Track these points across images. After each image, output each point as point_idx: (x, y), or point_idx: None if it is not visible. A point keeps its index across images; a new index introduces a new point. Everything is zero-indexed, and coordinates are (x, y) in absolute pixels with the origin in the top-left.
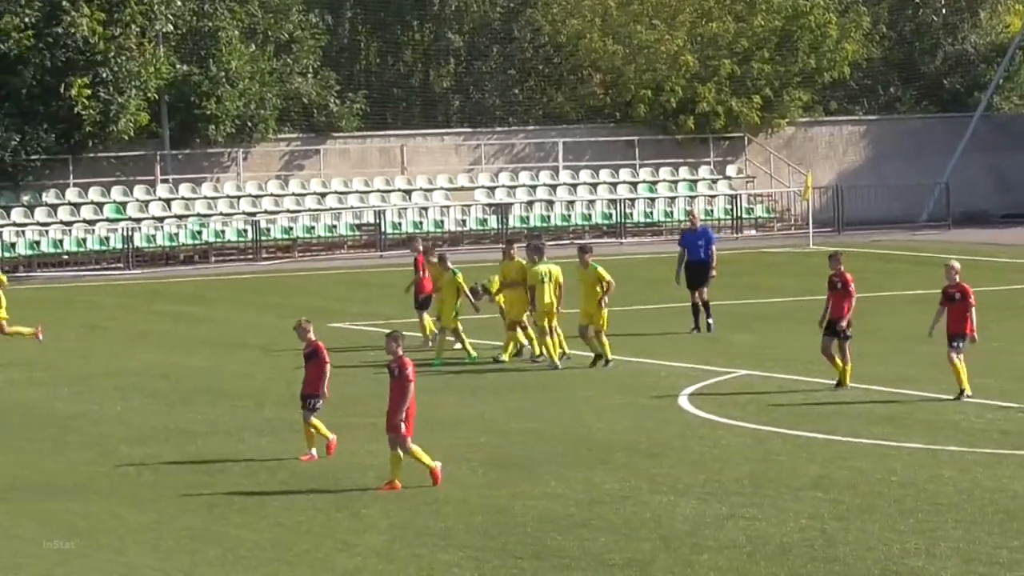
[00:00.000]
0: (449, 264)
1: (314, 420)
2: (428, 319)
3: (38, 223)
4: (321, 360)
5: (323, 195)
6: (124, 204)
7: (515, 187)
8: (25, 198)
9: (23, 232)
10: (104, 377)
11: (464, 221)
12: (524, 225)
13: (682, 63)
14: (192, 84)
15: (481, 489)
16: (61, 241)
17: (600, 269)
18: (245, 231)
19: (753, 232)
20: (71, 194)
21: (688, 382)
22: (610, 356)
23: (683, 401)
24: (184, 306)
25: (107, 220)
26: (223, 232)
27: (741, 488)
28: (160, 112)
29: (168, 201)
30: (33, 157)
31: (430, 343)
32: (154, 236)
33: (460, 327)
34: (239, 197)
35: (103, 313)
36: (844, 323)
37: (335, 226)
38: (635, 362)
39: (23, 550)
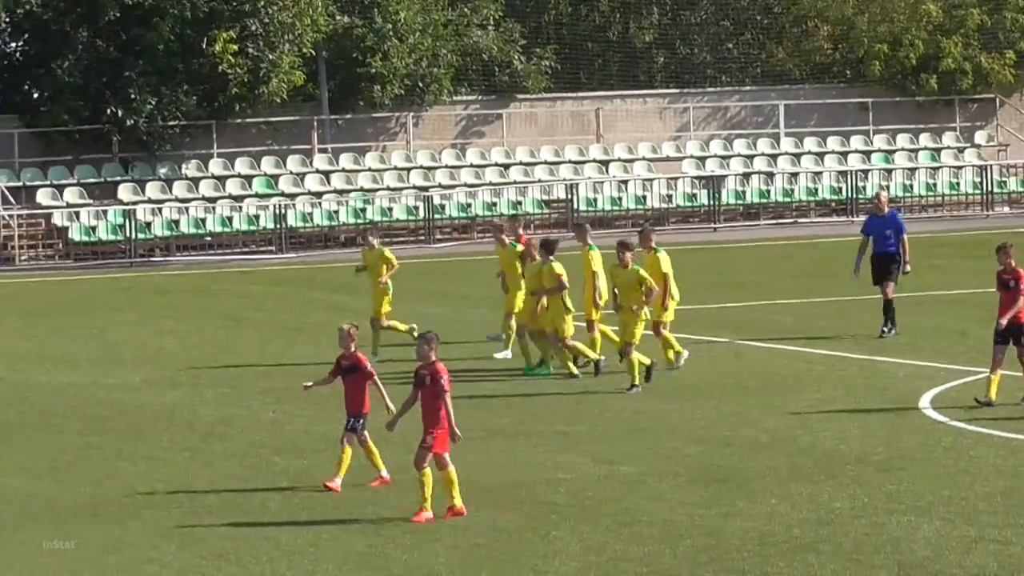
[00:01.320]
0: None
1: (370, 443)
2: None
3: (177, 199)
4: (364, 374)
5: (506, 167)
6: (276, 178)
7: (728, 157)
8: (162, 171)
9: (159, 210)
10: (253, 378)
11: (670, 197)
12: (739, 201)
13: (923, 13)
14: (354, 38)
15: (689, 508)
16: (203, 220)
17: (642, 272)
18: (415, 208)
19: (1006, 209)
20: (215, 166)
21: (930, 384)
22: (595, 355)
23: (924, 406)
24: (344, 295)
25: (256, 196)
26: (390, 210)
27: (992, 507)
28: (317, 71)
29: (326, 174)
30: (171, 123)
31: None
32: (310, 215)
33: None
34: (408, 169)
35: (251, 303)
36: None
37: (519, 203)
38: (868, 361)
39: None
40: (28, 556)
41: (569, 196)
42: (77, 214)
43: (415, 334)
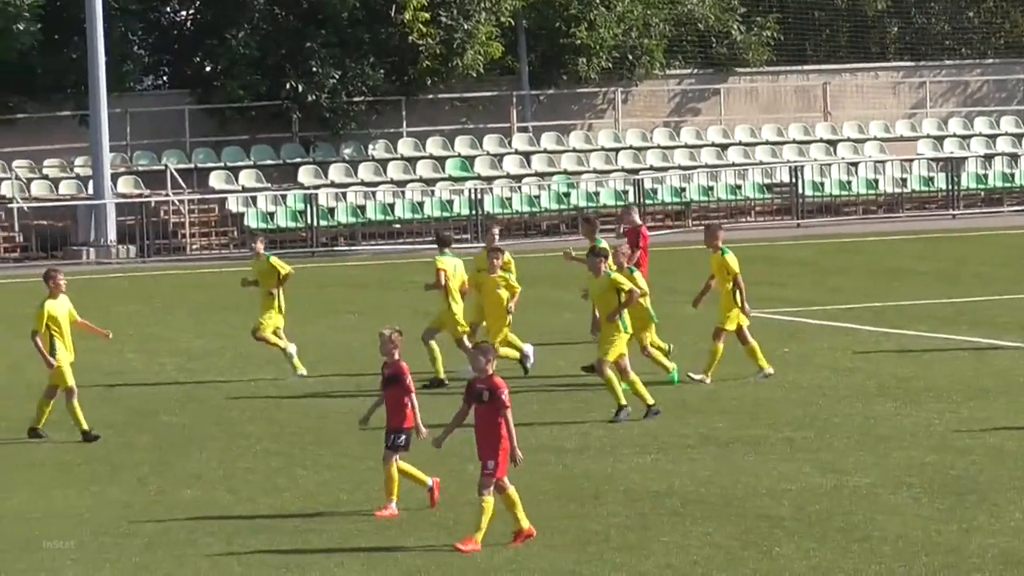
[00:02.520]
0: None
1: (402, 464)
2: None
3: (362, 183)
4: (404, 386)
5: (724, 147)
6: (471, 159)
7: (969, 137)
8: (347, 151)
9: (343, 195)
10: (449, 380)
11: (904, 180)
12: (981, 186)
13: None
14: (557, 6)
15: (926, 522)
16: (391, 206)
17: (616, 276)
18: (624, 193)
19: None
20: (404, 146)
21: None
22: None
23: None
24: (546, 288)
25: (449, 180)
26: (596, 195)
27: None
28: (517, 42)
29: (527, 155)
30: (356, 99)
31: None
32: (508, 200)
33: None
34: (616, 150)
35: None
36: None
37: (739, 186)
38: None
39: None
40: (209, 569)
41: (793, 180)
42: (253, 199)
43: (291, 355)
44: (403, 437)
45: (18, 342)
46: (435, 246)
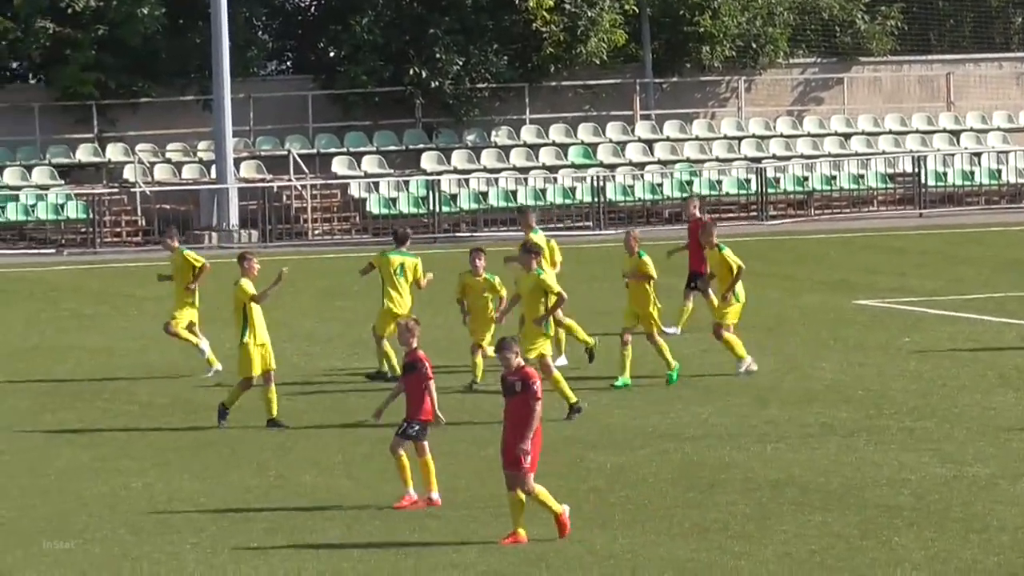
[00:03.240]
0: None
1: (428, 457)
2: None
3: (485, 170)
4: (421, 375)
5: (847, 136)
6: (594, 146)
7: None
8: (470, 138)
9: (466, 181)
10: (568, 368)
11: None
12: None
13: None
14: None
15: None
16: (514, 193)
17: (545, 278)
18: (747, 182)
19: None
20: (527, 133)
21: None
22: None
23: None
24: (665, 276)
25: (572, 167)
26: (719, 183)
27: None
28: (640, 30)
29: (649, 143)
30: (480, 86)
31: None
32: (631, 187)
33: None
34: (740, 138)
35: (563, 284)
36: None
37: (862, 176)
38: None
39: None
40: (325, 556)
41: (916, 170)
42: (376, 185)
43: (203, 350)
44: (416, 427)
45: (147, 324)
46: (555, 234)
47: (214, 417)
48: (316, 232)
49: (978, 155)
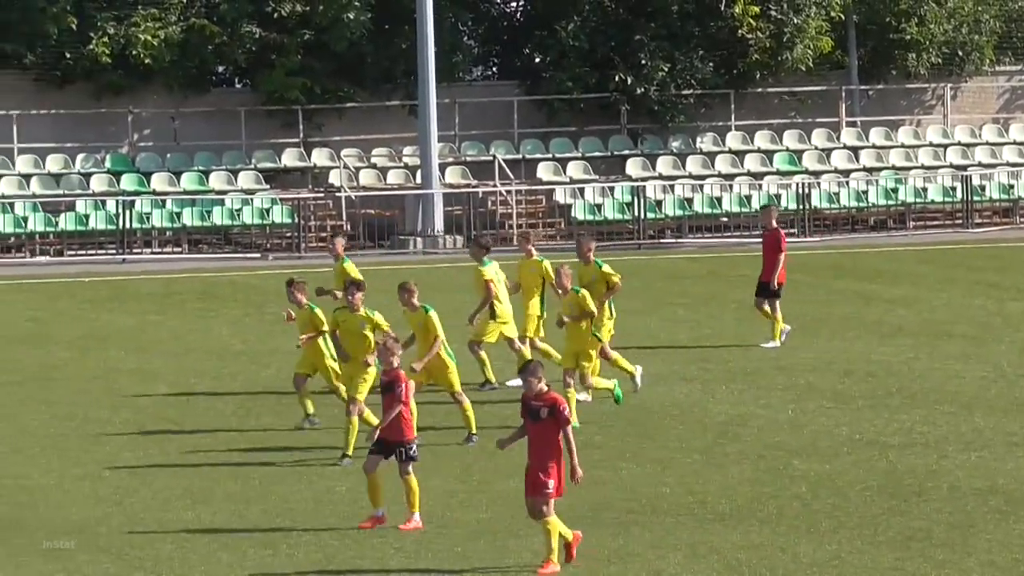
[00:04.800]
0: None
1: (377, 476)
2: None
3: (690, 176)
4: (394, 396)
5: None
6: (799, 153)
7: None
8: (675, 144)
9: (671, 187)
10: (771, 372)
11: None
12: None
13: None
14: (888, 1)
15: None
16: (719, 199)
17: (376, 317)
18: (952, 190)
19: None
20: (732, 140)
21: None
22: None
23: None
24: (873, 284)
25: (777, 173)
26: (924, 191)
27: None
28: (846, 37)
29: (855, 150)
30: (685, 92)
31: None
32: (836, 195)
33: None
34: (945, 146)
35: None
36: None
37: None
38: None
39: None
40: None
41: None
42: (581, 190)
43: None
44: (412, 447)
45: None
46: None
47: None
48: None
49: None
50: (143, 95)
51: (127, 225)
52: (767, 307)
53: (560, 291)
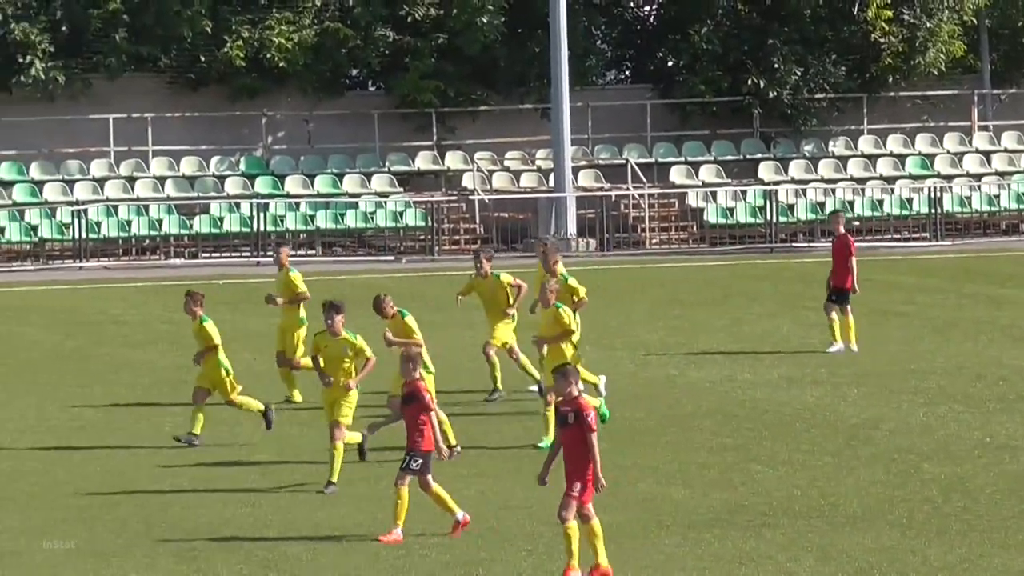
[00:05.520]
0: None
1: (437, 488)
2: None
3: (822, 180)
4: (422, 405)
5: None
6: (931, 157)
7: None
8: (807, 148)
9: (803, 191)
10: (902, 376)
11: None
12: None
13: None
14: (1021, 6)
15: None
16: (851, 203)
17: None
18: None
19: None
20: (864, 144)
21: None
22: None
23: None
24: (1004, 288)
25: (909, 177)
26: None
27: None
28: (979, 41)
29: (987, 155)
30: (818, 96)
31: None
32: (968, 199)
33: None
34: None
35: (900, 295)
36: None
37: None
38: None
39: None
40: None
41: None
42: (713, 194)
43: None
44: (419, 460)
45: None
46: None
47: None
48: (653, 241)
49: None
50: (277, 98)
51: (261, 228)
52: (834, 313)
53: (542, 304)
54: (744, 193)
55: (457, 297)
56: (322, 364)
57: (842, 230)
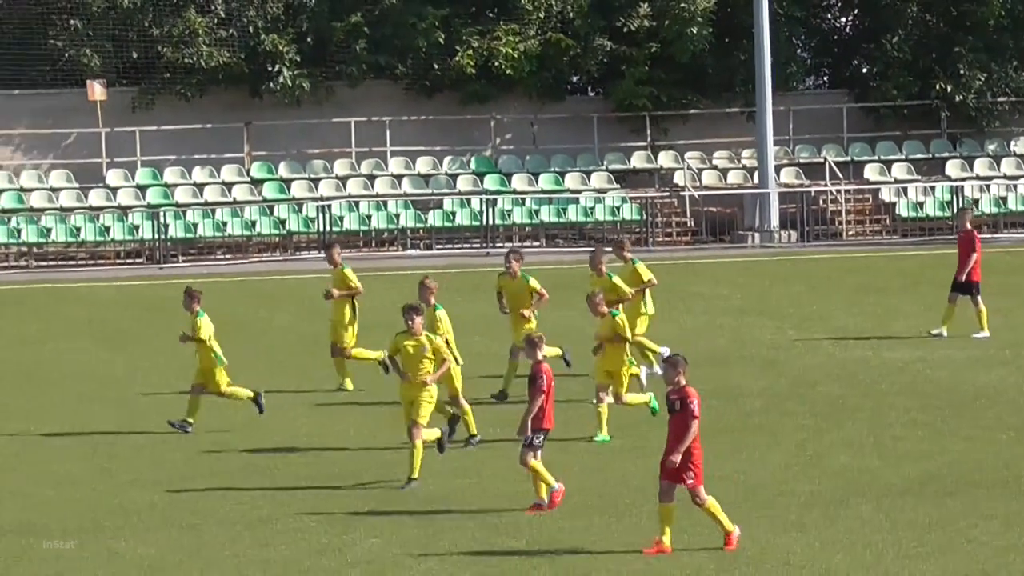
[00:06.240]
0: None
1: (533, 463)
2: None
3: (1005, 176)
4: (537, 387)
5: None
6: None
7: None
8: (991, 147)
9: (987, 187)
10: None
11: None
12: None
13: None
14: None
15: None
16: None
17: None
18: None
19: None
20: None
21: None
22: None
23: None
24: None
25: None
26: None
27: None
28: None
29: None
30: (1001, 99)
31: None
32: None
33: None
34: None
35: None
36: None
37: None
38: None
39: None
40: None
41: None
42: (904, 190)
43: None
44: (540, 436)
45: (696, 319)
46: None
47: (753, 403)
48: (850, 233)
49: None
50: (504, 103)
51: (490, 221)
52: (956, 304)
53: (592, 313)
54: (933, 189)
55: (500, 305)
56: (400, 363)
57: (968, 226)
